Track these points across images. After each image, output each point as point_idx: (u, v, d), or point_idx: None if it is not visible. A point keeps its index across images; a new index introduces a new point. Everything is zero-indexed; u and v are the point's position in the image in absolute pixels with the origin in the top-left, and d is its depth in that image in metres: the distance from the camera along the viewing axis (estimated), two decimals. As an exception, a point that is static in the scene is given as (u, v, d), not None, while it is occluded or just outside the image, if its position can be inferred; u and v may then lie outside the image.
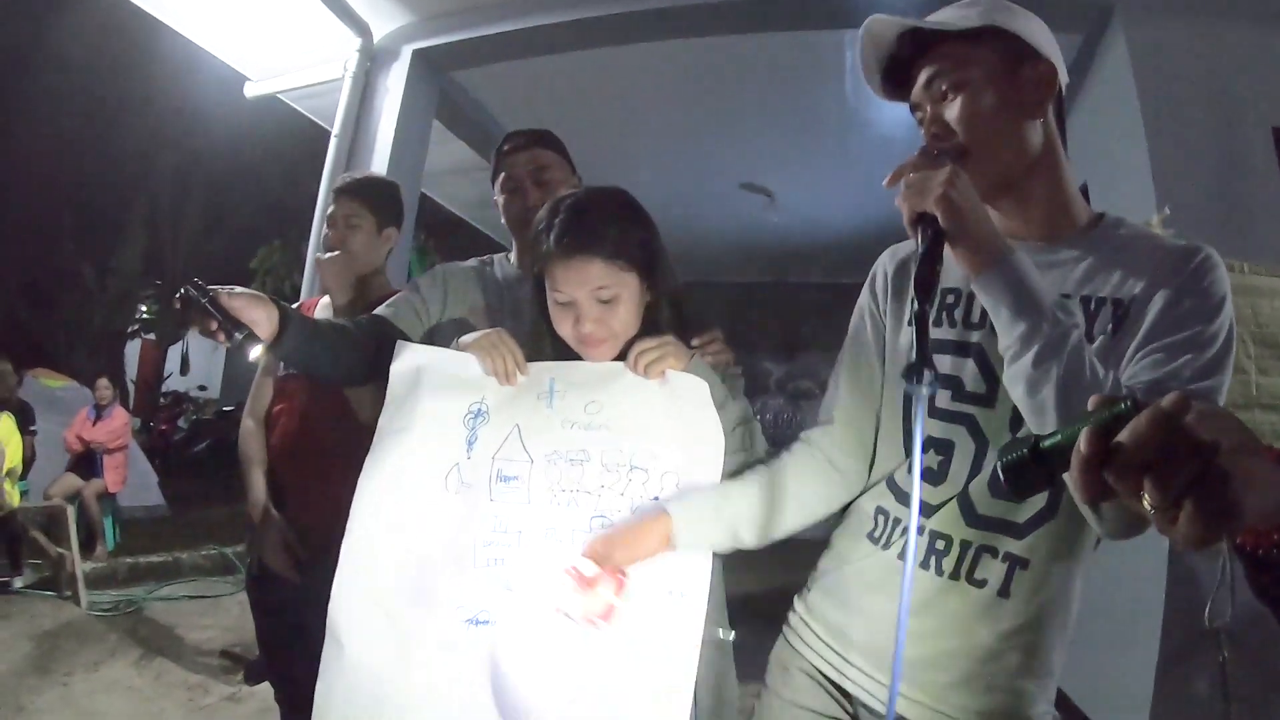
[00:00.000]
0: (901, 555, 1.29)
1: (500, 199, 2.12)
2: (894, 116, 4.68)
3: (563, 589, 1.36)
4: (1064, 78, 1.34)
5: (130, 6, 4.10)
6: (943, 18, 1.31)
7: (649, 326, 1.52)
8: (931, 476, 1.30)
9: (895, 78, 1.40)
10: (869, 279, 1.52)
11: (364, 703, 1.43)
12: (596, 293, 1.43)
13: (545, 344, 1.57)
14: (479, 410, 1.52)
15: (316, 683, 1.46)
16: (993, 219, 1.25)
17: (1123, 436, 0.61)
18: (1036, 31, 1.30)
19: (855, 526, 1.44)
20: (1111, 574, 3.26)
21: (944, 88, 1.29)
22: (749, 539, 1.41)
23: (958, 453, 1.29)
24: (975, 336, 1.29)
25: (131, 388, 16.92)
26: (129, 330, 17.45)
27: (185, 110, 13.94)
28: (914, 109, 1.37)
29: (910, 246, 1.38)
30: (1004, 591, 1.24)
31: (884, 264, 1.51)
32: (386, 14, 4.27)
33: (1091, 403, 0.64)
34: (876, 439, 1.44)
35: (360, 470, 1.92)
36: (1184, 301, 1.15)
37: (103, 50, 13.79)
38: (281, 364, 2.30)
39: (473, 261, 2.16)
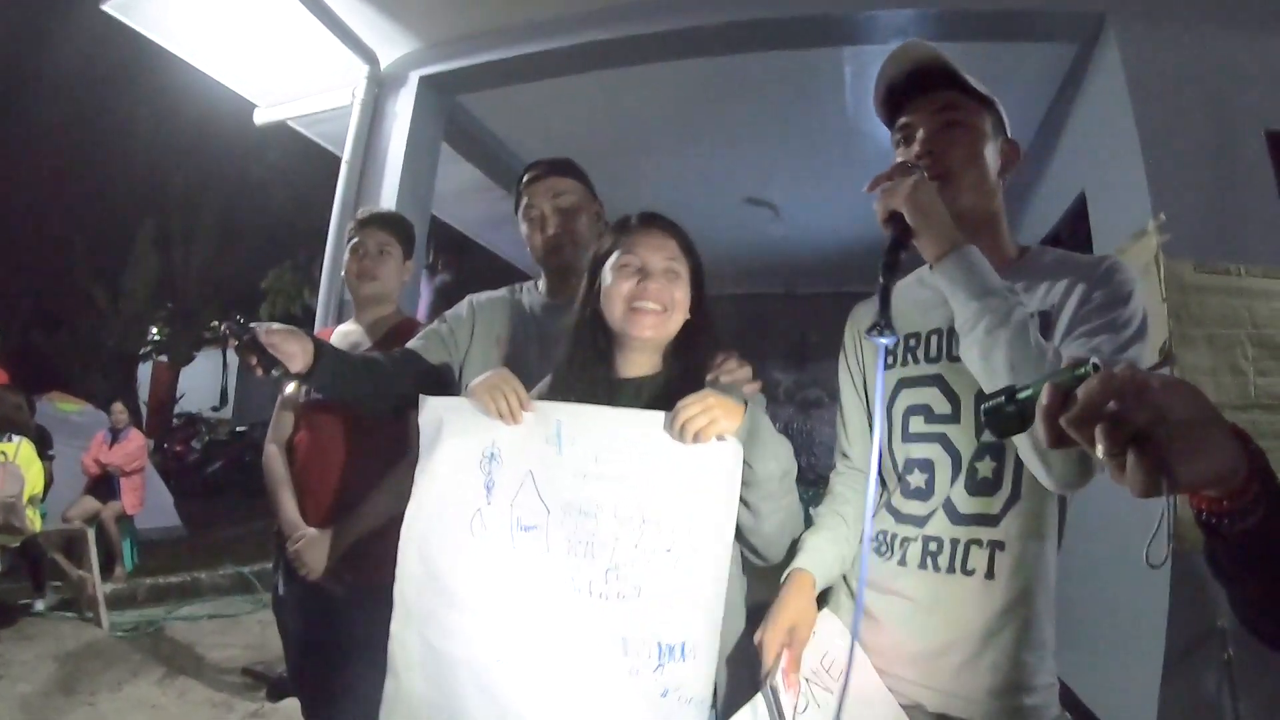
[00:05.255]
0: (901, 562, 1.52)
1: (524, 228, 2.16)
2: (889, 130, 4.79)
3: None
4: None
5: (139, 35, 4.20)
6: (965, 74, 1.56)
7: (681, 339, 1.62)
8: (921, 494, 1.53)
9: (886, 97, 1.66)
10: (844, 343, 1.78)
11: None
12: (668, 263, 1.57)
13: (587, 344, 1.64)
14: (492, 454, 1.55)
15: (380, 709, 1.55)
16: None
17: (1079, 391, 0.71)
18: (1008, 121, 1.61)
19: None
20: (1116, 575, 3.31)
21: (952, 121, 1.54)
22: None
23: (938, 467, 1.51)
24: (936, 369, 1.53)
25: (144, 409, 17.00)
26: (141, 352, 17.52)
27: (194, 133, 14.03)
28: (904, 126, 1.61)
29: (871, 303, 1.62)
30: (989, 574, 1.43)
31: (852, 324, 1.76)
32: (393, 41, 4.35)
33: (1063, 362, 0.74)
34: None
35: (377, 493, 2.01)
36: (1095, 295, 1.39)
37: (112, 74, 13.90)
38: (303, 393, 2.36)
39: (501, 291, 2.20)
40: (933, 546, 1.48)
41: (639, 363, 1.63)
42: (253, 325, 1.50)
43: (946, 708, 1.43)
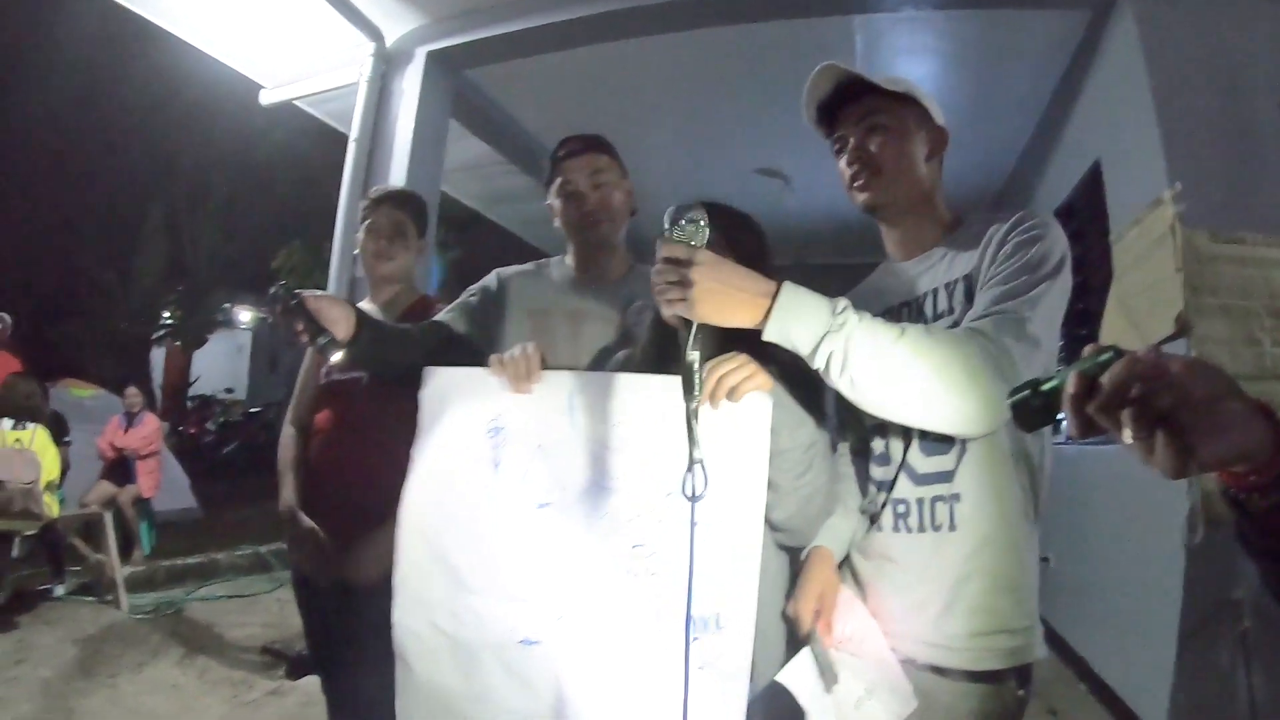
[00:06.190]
0: (879, 527, 1.61)
1: (556, 203, 2.09)
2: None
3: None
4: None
5: (143, 19, 4.18)
6: (880, 80, 1.65)
7: None
8: (882, 459, 1.63)
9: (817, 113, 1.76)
10: None
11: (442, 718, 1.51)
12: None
13: (657, 325, 1.62)
14: (497, 428, 1.51)
15: (396, 700, 1.54)
16: (889, 239, 1.77)
17: (1104, 379, 0.70)
18: (935, 106, 1.68)
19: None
20: (1131, 548, 3.30)
21: (875, 125, 1.64)
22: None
23: (892, 432, 1.59)
24: None
25: (158, 393, 17.05)
26: (154, 336, 17.58)
27: (200, 116, 14.02)
28: (838, 138, 1.71)
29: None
30: (952, 526, 1.49)
31: None
32: (398, 17, 4.32)
33: (1084, 351, 0.74)
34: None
35: (399, 474, 1.98)
36: (1007, 244, 1.47)
37: (115, 59, 13.88)
38: (324, 373, 2.34)
39: (528, 265, 2.18)
40: (900, 508, 1.57)
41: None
42: (299, 292, 1.50)
43: (934, 658, 1.49)
